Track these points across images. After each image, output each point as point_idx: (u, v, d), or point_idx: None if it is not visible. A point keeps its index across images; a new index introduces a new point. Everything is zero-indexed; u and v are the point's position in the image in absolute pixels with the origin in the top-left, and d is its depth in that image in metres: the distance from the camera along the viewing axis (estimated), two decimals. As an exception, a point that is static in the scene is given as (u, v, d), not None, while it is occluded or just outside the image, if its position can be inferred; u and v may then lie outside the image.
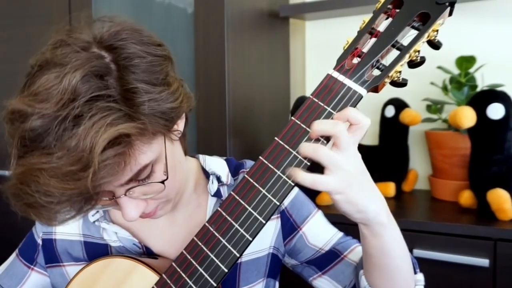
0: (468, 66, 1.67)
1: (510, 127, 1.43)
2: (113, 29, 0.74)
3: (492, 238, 1.31)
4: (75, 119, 0.65)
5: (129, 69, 0.71)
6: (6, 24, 2.08)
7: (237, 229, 0.75)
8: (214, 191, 0.97)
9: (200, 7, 1.64)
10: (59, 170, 0.64)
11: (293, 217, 1.01)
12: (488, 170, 1.46)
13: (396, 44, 0.72)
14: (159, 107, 0.73)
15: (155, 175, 0.77)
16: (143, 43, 0.75)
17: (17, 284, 1.01)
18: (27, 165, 0.66)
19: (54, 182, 0.64)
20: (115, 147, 0.66)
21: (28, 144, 0.67)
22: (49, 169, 0.64)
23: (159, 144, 0.76)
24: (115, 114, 0.66)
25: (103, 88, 0.67)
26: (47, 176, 0.64)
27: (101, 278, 0.87)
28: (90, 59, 0.69)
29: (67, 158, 0.64)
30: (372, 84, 0.72)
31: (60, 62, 0.68)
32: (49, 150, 0.65)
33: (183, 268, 0.78)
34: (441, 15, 0.70)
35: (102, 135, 0.64)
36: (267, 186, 0.74)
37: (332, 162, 0.69)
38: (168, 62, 0.79)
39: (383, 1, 0.75)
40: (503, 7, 1.75)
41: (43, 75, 0.68)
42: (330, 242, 1.00)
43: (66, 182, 0.64)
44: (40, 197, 0.66)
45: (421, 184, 1.92)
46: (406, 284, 0.84)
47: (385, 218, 0.76)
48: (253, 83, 1.77)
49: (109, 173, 0.66)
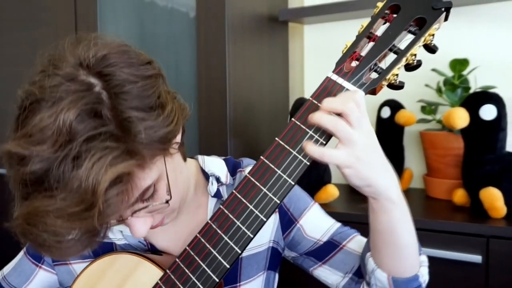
0: (462, 68, 1.67)
1: (502, 128, 1.43)
2: (99, 53, 0.70)
3: (484, 235, 1.31)
4: (74, 160, 0.63)
5: (121, 97, 0.68)
6: (14, 27, 2.08)
7: (239, 226, 0.75)
8: (214, 192, 0.96)
9: (201, 12, 1.64)
10: (64, 211, 0.63)
11: (290, 210, 1.01)
12: (481, 169, 1.46)
13: (393, 48, 0.73)
14: (155, 134, 0.70)
15: (158, 194, 0.76)
16: (132, 65, 0.72)
17: (25, 281, 1.01)
18: (31, 207, 0.65)
19: (61, 222, 0.63)
20: (117, 186, 0.65)
21: (29, 185, 0.65)
22: (54, 210, 0.63)
23: (159, 165, 0.75)
24: (113, 153, 0.64)
25: (98, 126, 0.65)
26: (53, 217, 0.63)
27: (107, 274, 0.87)
28: (81, 93, 0.66)
29: (70, 200, 0.63)
30: (370, 87, 0.73)
31: (50, 99, 0.66)
32: (51, 192, 0.64)
33: (187, 264, 0.79)
34: (437, 20, 0.71)
35: (103, 176, 0.62)
36: (268, 185, 0.74)
37: (347, 137, 0.70)
38: (159, 80, 0.76)
39: (381, 7, 0.75)
40: (496, 11, 1.75)
41: (36, 115, 0.66)
42: (327, 233, 1.00)
43: (73, 221, 0.64)
44: (49, 236, 0.65)
45: (416, 183, 1.92)
46: (412, 263, 0.84)
47: (395, 195, 0.76)
48: (253, 85, 1.78)
49: (113, 210, 0.66)
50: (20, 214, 0.66)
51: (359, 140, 0.70)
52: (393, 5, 0.74)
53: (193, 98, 1.69)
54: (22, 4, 2.05)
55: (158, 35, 1.79)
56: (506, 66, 1.74)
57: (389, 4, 0.74)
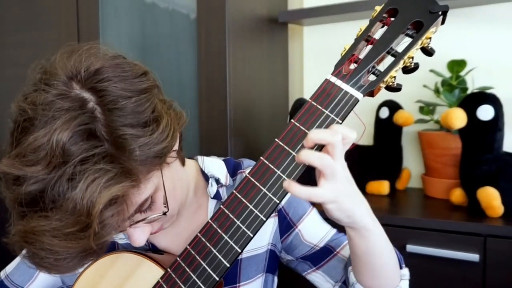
0: (459, 69, 1.67)
1: (499, 128, 1.43)
2: (92, 67, 0.69)
3: (482, 234, 1.31)
4: (69, 181, 0.63)
5: (115, 113, 0.66)
6: (17, 29, 2.08)
7: (239, 226, 0.75)
8: (213, 194, 0.96)
9: (202, 13, 1.64)
10: (59, 231, 0.63)
11: (289, 215, 1.01)
12: (478, 169, 1.46)
13: (391, 51, 0.73)
14: (150, 150, 0.69)
15: (156, 204, 0.76)
16: (126, 79, 0.70)
17: (28, 280, 1.01)
18: (28, 226, 0.65)
19: (57, 241, 0.63)
20: (112, 207, 0.65)
21: (25, 206, 0.65)
22: (50, 230, 0.63)
23: (155, 178, 0.74)
24: (108, 175, 0.64)
25: (92, 147, 0.64)
26: (49, 236, 0.63)
27: (108, 272, 0.88)
28: (74, 112, 0.65)
29: (66, 221, 0.63)
30: (368, 89, 0.73)
31: (44, 118, 0.65)
32: (47, 213, 0.63)
33: (187, 263, 0.79)
34: (434, 24, 0.71)
35: (98, 198, 0.62)
36: (268, 185, 0.74)
37: (331, 172, 0.70)
38: (154, 91, 0.74)
39: (379, 10, 0.75)
40: (493, 13, 1.75)
41: (29, 134, 0.65)
42: (324, 238, 1.01)
43: (69, 241, 0.64)
44: (47, 255, 0.65)
45: (414, 182, 1.93)
46: (392, 279, 0.86)
47: (370, 220, 0.77)
48: (253, 86, 1.78)
49: (109, 231, 0.65)
50: (17, 232, 0.66)
51: (340, 173, 0.71)
52: (391, 9, 0.74)
53: (193, 98, 1.69)
54: (25, 6, 2.05)
55: (159, 36, 1.79)
56: (503, 67, 1.74)
57: (387, 8, 0.74)
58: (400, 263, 0.90)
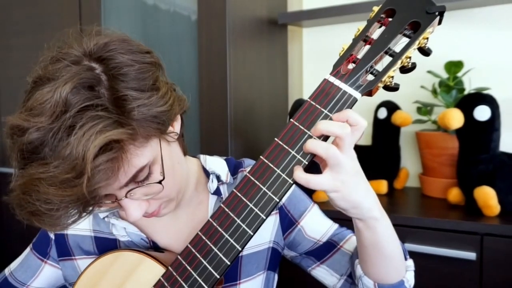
0: (456, 70, 1.67)
1: (495, 128, 1.43)
2: (101, 41, 0.74)
3: (478, 233, 1.31)
4: (67, 129, 0.65)
5: (118, 78, 0.71)
6: (21, 32, 2.08)
7: (239, 224, 0.75)
8: (213, 190, 0.97)
9: (203, 15, 1.64)
10: (56, 178, 0.65)
11: (291, 212, 1.01)
12: (475, 168, 1.46)
13: (389, 51, 0.72)
14: (149, 111, 0.72)
15: (153, 176, 0.77)
16: (131, 52, 0.75)
17: (31, 276, 1.02)
18: (27, 176, 0.67)
19: (53, 190, 0.65)
20: (107, 153, 0.66)
21: (26, 156, 0.68)
22: (47, 178, 0.65)
23: (154, 146, 0.76)
24: (104, 122, 0.66)
25: (92, 98, 0.67)
26: (45, 185, 0.65)
27: (110, 270, 0.88)
28: (79, 71, 0.69)
29: (62, 167, 0.65)
30: (366, 89, 0.73)
31: (52, 77, 0.69)
32: (46, 161, 0.66)
33: (188, 261, 0.79)
34: (431, 24, 0.71)
35: (93, 142, 0.64)
36: (268, 184, 0.74)
37: (336, 162, 0.70)
38: (156, 68, 0.79)
39: (377, 11, 0.75)
40: (489, 15, 1.75)
41: (37, 91, 0.69)
42: (327, 233, 1.01)
43: (64, 189, 0.65)
44: (41, 205, 0.67)
45: (412, 181, 1.93)
46: (398, 270, 0.86)
47: (378, 213, 0.77)
48: (253, 86, 1.78)
49: (103, 178, 0.67)
50: (17, 184, 0.69)
51: (346, 164, 0.71)
52: (388, 9, 0.74)
53: (194, 98, 1.69)
54: (29, 9, 2.05)
55: (161, 37, 1.79)
56: (500, 68, 1.74)
57: (385, 8, 0.74)
58: (405, 255, 0.90)
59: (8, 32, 2.13)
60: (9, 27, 2.12)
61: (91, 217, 1.00)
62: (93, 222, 0.99)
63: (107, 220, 0.96)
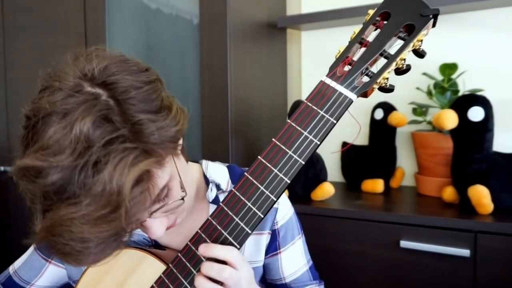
0: (451, 72, 1.67)
1: (489, 128, 1.43)
2: (100, 65, 0.69)
3: (472, 231, 1.31)
4: (94, 165, 0.62)
5: (128, 102, 0.67)
6: (26, 33, 2.08)
7: (238, 222, 0.75)
8: (212, 199, 0.96)
9: (204, 19, 1.64)
10: (90, 216, 0.61)
11: (279, 239, 1.01)
12: (469, 168, 1.46)
13: (384, 53, 0.73)
14: (166, 133, 0.69)
15: (172, 192, 0.75)
16: (134, 72, 0.71)
17: (35, 275, 1.01)
18: (55, 217, 0.63)
19: (88, 228, 0.62)
20: (141, 184, 0.64)
21: (52, 197, 0.63)
22: (80, 217, 0.61)
23: (170, 163, 0.74)
24: (133, 153, 0.63)
25: (114, 130, 0.63)
26: (78, 224, 0.62)
27: (113, 268, 0.87)
28: (90, 102, 0.64)
29: (96, 204, 0.61)
30: (362, 90, 0.73)
31: (62, 111, 0.64)
32: (75, 200, 0.62)
33: (188, 258, 0.79)
34: (425, 26, 0.71)
35: (127, 176, 0.61)
36: (265, 183, 0.75)
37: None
38: (160, 85, 0.75)
39: (372, 14, 0.75)
40: (483, 19, 1.75)
41: (48, 127, 0.64)
42: (293, 275, 1.03)
43: (100, 225, 0.62)
44: (76, 244, 0.63)
45: (408, 181, 1.93)
46: None
47: None
48: (253, 88, 1.77)
49: (139, 209, 0.65)
50: (44, 227, 0.64)
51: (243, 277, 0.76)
52: (383, 12, 0.74)
53: (196, 100, 1.69)
54: (35, 12, 2.05)
55: (164, 40, 1.79)
56: (493, 70, 1.74)
57: (380, 12, 0.74)
58: None
59: (15, 34, 2.13)
60: (16, 30, 2.12)
61: None
62: None
63: None
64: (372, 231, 1.43)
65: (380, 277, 1.42)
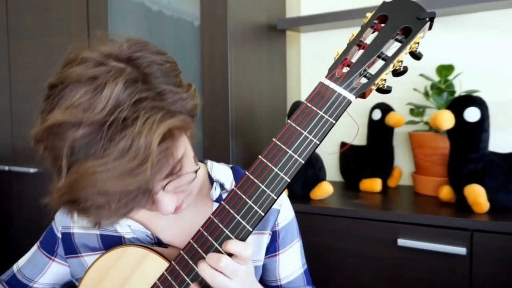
0: (447, 73, 1.67)
1: (485, 129, 1.44)
2: (124, 44, 0.73)
3: (469, 229, 1.31)
4: (123, 121, 0.63)
5: (152, 75, 0.70)
6: (30, 35, 2.08)
7: (239, 220, 0.76)
8: (215, 197, 0.96)
9: (205, 21, 1.64)
10: (115, 170, 0.62)
11: (279, 240, 1.02)
12: (465, 167, 1.46)
13: (382, 55, 0.73)
14: (187, 105, 0.73)
15: (184, 169, 0.75)
16: (155, 52, 0.74)
17: (39, 273, 1.01)
18: (80, 171, 0.64)
19: (112, 181, 0.63)
20: (165, 141, 0.66)
21: (79, 152, 0.64)
22: (105, 171, 0.62)
23: (186, 140, 0.76)
24: (160, 112, 0.66)
25: (142, 91, 0.66)
26: (103, 178, 0.63)
27: (116, 265, 0.88)
28: (118, 71, 0.67)
29: (123, 158, 0.62)
30: (360, 91, 0.73)
31: (91, 76, 0.66)
32: (102, 153, 0.63)
33: (190, 256, 0.79)
34: (422, 29, 0.71)
35: (155, 131, 0.63)
36: (266, 182, 0.75)
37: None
38: (178, 66, 0.79)
39: (370, 17, 0.75)
40: (479, 21, 1.75)
41: (79, 89, 0.66)
42: (288, 277, 1.03)
43: (124, 180, 0.63)
44: (98, 198, 0.64)
45: (405, 180, 1.93)
46: None
47: None
48: (254, 89, 1.78)
49: (161, 168, 0.66)
50: (67, 182, 0.65)
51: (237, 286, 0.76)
52: (381, 16, 0.74)
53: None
54: (39, 14, 2.05)
55: (165, 42, 1.79)
56: (489, 72, 1.75)
57: (378, 15, 0.75)
58: None
59: (19, 36, 2.13)
60: (20, 31, 2.12)
61: None
62: None
63: None
64: (370, 229, 1.43)
65: (378, 275, 1.43)
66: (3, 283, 1.02)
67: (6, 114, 2.17)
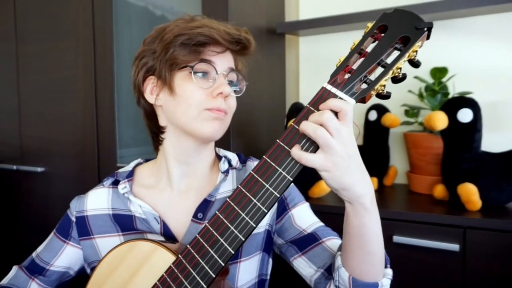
0: (441, 76, 1.68)
1: (477, 129, 1.44)
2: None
3: (462, 226, 1.32)
4: None
5: None
6: (38, 39, 2.09)
7: (243, 217, 0.77)
8: (224, 169, 1.04)
9: (207, 24, 1.65)
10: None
11: (287, 200, 1.05)
12: (459, 166, 1.47)
13: (381, 62, 0.74)
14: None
15: (240, 83, 1.04)
16: None
17: (54, 256, 1.05)
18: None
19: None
20: None
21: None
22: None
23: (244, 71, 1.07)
24: None
25: None
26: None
27: (127, 257, 0.90)
28: None
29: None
30: (360, 96, 0.75)
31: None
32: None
33: (196, 250, 0.80)
34: (420, 38, 0.73)
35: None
36: (270, 181, 0.76)
37: (325, 143, 0.72)
38: None
39: (371, 27, 0.77)
40: (472, 25, 1.76)
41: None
42: (312, 226, 1.02)
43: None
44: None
45: (400, 179, 1.94)
46: (375, 271, 0.84)
47: (368, 202, 0.77)
48: (253, 90, 1.78)
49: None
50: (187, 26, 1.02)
51: (337, 147, 0.72)
52: (381, 25, 0.76)
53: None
54: (46, 19, 2.05)
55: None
56: (481, 74, 1.76)
57: (378, 25, 0.76)
58: (386, 262, 0.89)
59: (27, 39, 2.13)
60: (28, 35, 2.13)
61: (110, 196, 1.05)
62: (111, 201, 1.04)
63: (126, 196, 1.02)
64: (367, 226, 1.44)
65: (374, 270, 1.44)
66: (23, 268, 1.06)
67: (14, 115, 2.18)
